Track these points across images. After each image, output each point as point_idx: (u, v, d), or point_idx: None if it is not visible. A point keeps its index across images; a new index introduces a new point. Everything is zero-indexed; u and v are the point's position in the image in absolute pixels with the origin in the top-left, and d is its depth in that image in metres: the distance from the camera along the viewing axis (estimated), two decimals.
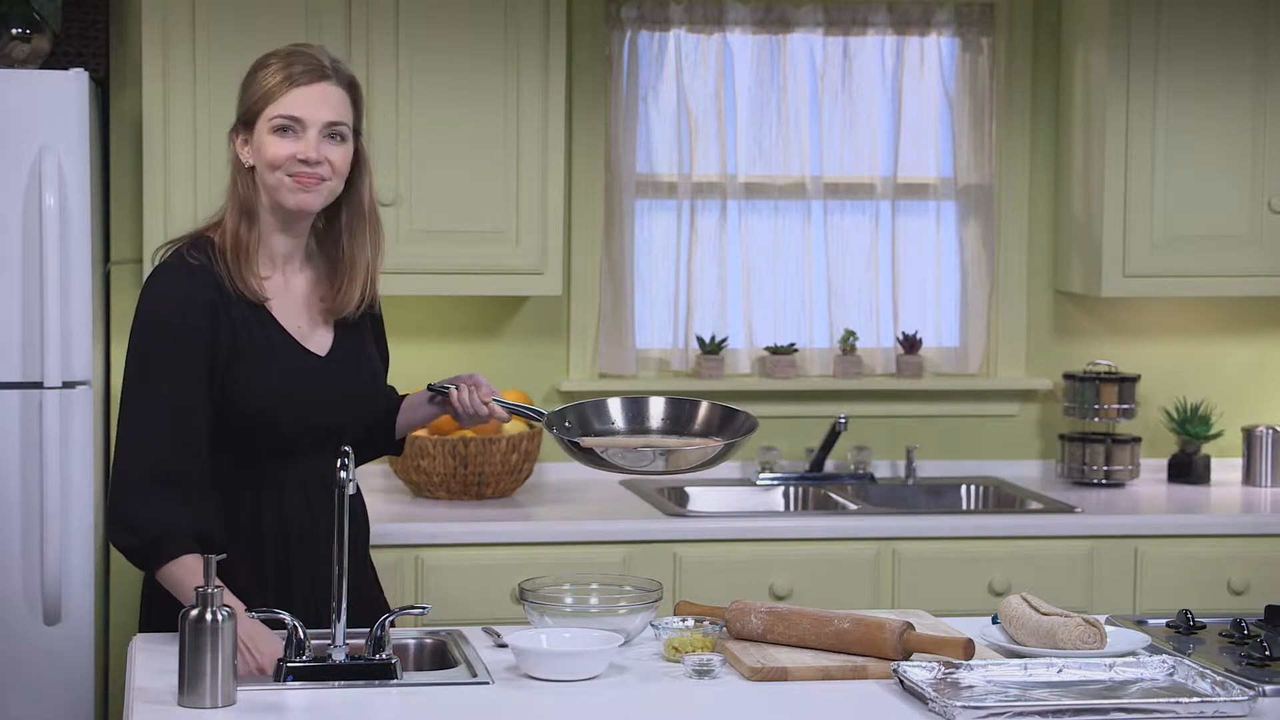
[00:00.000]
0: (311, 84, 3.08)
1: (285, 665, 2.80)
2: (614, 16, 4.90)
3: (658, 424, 3.28)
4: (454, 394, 3.30)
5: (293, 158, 3.06)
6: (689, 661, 2.86)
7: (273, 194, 3.10)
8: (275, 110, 3.07)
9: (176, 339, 3.04)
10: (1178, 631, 3.17)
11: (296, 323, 3.16)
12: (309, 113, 3.07)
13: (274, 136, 3.07)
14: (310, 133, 3.07)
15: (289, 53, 3.13)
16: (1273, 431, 4.98)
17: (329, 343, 3.19)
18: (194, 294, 3.05)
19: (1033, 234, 5.12)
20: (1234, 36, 4.76)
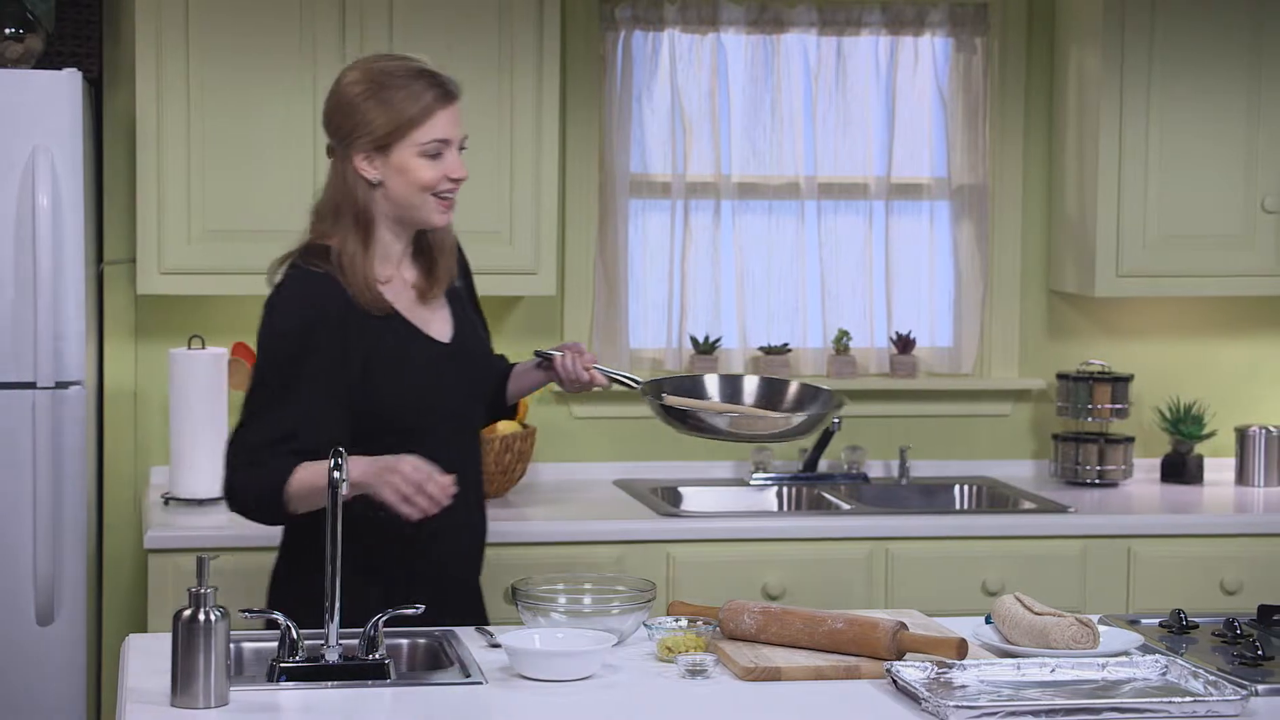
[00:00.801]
0: (450, 104, 3.17)
1: (278, 666, 2.80)
2: (608, 16, 4.90)
3: (750, 400, 3.42)
4: (558, 360, 3.37)
5: (443, 178, 3.17)
6: (682, 662, 2.86)
7: (414, 212, 3.18)
8: (426, 135, 3.15)
9: (308, 351, 3.11)
10: (1170, 631, 3.17)
11: (418, 315, 3.23)
12: (452, 133, 3.17)
13: (423, 160, 3.15)
14: (451, 151, 3.17)
15: (418, 72, 3.17)
16: (1266, 432, 4.98)
17: (450, 327, 3.28)
18: (324, 305, 3.14)
19: (1026, 234, 5.12)
20: (1227, 37, 4.77)
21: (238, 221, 4.45)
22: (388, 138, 3.14)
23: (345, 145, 3.17)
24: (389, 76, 3.15)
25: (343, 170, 3.18)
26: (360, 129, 3.14)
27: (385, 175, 3.15)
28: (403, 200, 3.17)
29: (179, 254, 4.44)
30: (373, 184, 3.16)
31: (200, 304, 4.71)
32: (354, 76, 3.18)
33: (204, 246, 4.44)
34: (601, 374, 3.38)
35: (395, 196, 3.16)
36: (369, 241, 3.17)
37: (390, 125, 3.13)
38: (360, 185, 3.16)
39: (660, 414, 3.35)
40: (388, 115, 3.13)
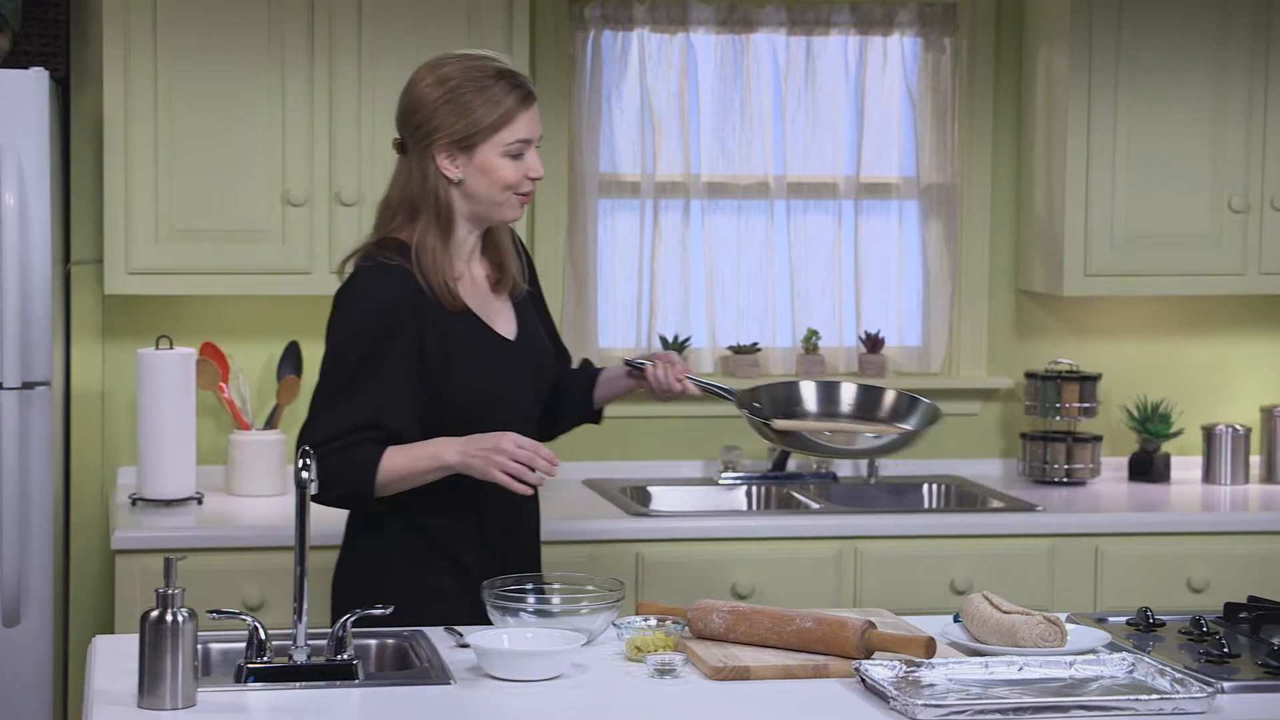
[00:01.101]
0: (532, 105, 3.21)
1: (246, 666, 2.79)
2: (577, 16, 4.90)
3: (847, 409, 3.40)
4: (649, 370, 3.38)
5: (525, 178, 3.20)
6: (651, 661, 2.86)
7: (494, 209, 3.23)
8: (511, 135, 3.19)
9: (382, 340, 3.15)
10: (1138, 629, 3.18)
11: (486, 311, 3.27)
12: (533, 133, 3.21)
13: (506, 159, 3.19)
14: (532, 149, 3.21)
15: (500, 72, 3.20)
16: (1232, 430, 5.00)
17: (514, 324, 3.31)
18: (399, 295, 3.17)
19: (995, 233, 5.13)
20: (1194, 37, 4.79)
21: (206, 221, 4.44)
22: (472, 138, 3.18)
23: (425, 143, 3.20)
24: (473, 77, 3.18)
25: (421, 167, 3.21)
26: (443, 129, 3.18)
27: (467, 174, 3.19)
28: (484, 198, 3.21)
29: (147, 254, 4.42)
30: (453, 181, 3.20)
31: (168, 304, 4.69)
32: (435, 76, 3.20)
33: (172, 246, 4.43)
34: (694, 384, 3.37)
35: (476, 194, 3.21)
36: (448, 237, 3.22)
37: (475, 126, 3.17)
38: (441, 182, 3.20)
39: (758, 429, 3.31)
40: (473, 116, 3.17)
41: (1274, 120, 4.82)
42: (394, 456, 3.14)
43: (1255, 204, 4.84)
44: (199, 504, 4.46)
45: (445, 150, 3.19)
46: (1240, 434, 5.00)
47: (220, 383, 4.65)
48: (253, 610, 4.12)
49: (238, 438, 4.60)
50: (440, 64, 3.22)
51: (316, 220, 4.48)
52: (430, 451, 3.14)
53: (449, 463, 3.12)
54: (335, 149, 4.47)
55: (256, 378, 4.78)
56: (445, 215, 3.21)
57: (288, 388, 4.69)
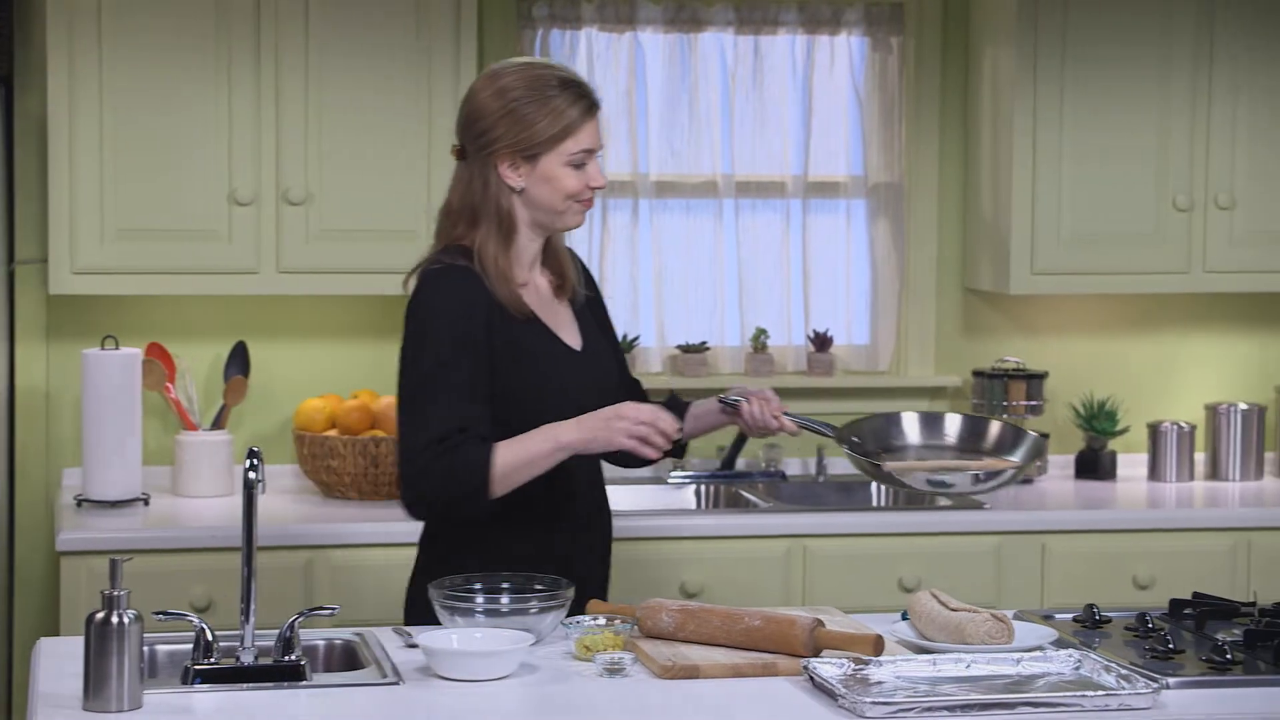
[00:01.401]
0: (596, 115, 3.21)
1: (193, 668, 2.78)
2: (525, 15, 4.89)
3: (952, 441, 3.33)
4: (744, 407, 3.34)
5: (586, 187, 3.19)
6: (600, 660, 2.86)
7: (556, 218, 3.22)
8: (576, 146, 3.18)
9: (462, 342, 3.13)
10: (1084, 626, 3.20)
11: (551, 319, 3.26)
12: (596, 142, 3.21)
13: (569, 169, 3.18)
14: (594, 159, 3.21)
15: (565, 82, 3.19)
16: (1177, 428, 5.03)
17: (578, 334, 3.30)
18: (471, 296, 3.15)
19: (942, 232, 5.15)
20: (1139, 37, 4.81)
21: (151, 221, 4.41)
22: (535, 148, 3.17)
23: (486, 152, 3.18)
24: (538, 86, 3.17)
25: (482, 174, 3.19)
26: (506, 137, 3.17)
27: (530, 183, 3.19)
28: (546, 206, 3.20)
29: (91, 254, 4.40)
30: (515, 190, 3.19)
31: (113, 304, 4.66)
32: (496, 86, 3.19)
33: (117, 246, 4.40)
34: (791, 421, 3.35)
35: (538, 203, 3.20)
36: (510, 244, 3.21)
37: (540, 135, 3.16)
38: (503, 190, 3.19)
39: (860, 466, 3.27)
40: (537, 126, 3.16)
41: (1217, 119, 4.85)
42: (505, 450, 3.10)
43: (1199, 203, 4.87)
44: (145, 505, 4.44)
45: (508, 159, 3.17)
46: (1185, 431, 5.03)
47: (166, 383, 4.63)
48: (200, 612, 4.10)
49: (184, 438, 4.58)
50: (501, 73, 3.21)
51: (263, 220, 4.46)
52: (544, 435, 3.11)
53: (566, 442, 3.09)
54: (282, 148, 4.45)
55: (203, 378, 4.76)
56: (507, 223, 3.20)
57: (235, 388, 4.67)
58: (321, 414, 4.62)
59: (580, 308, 3.35)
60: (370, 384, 4.81)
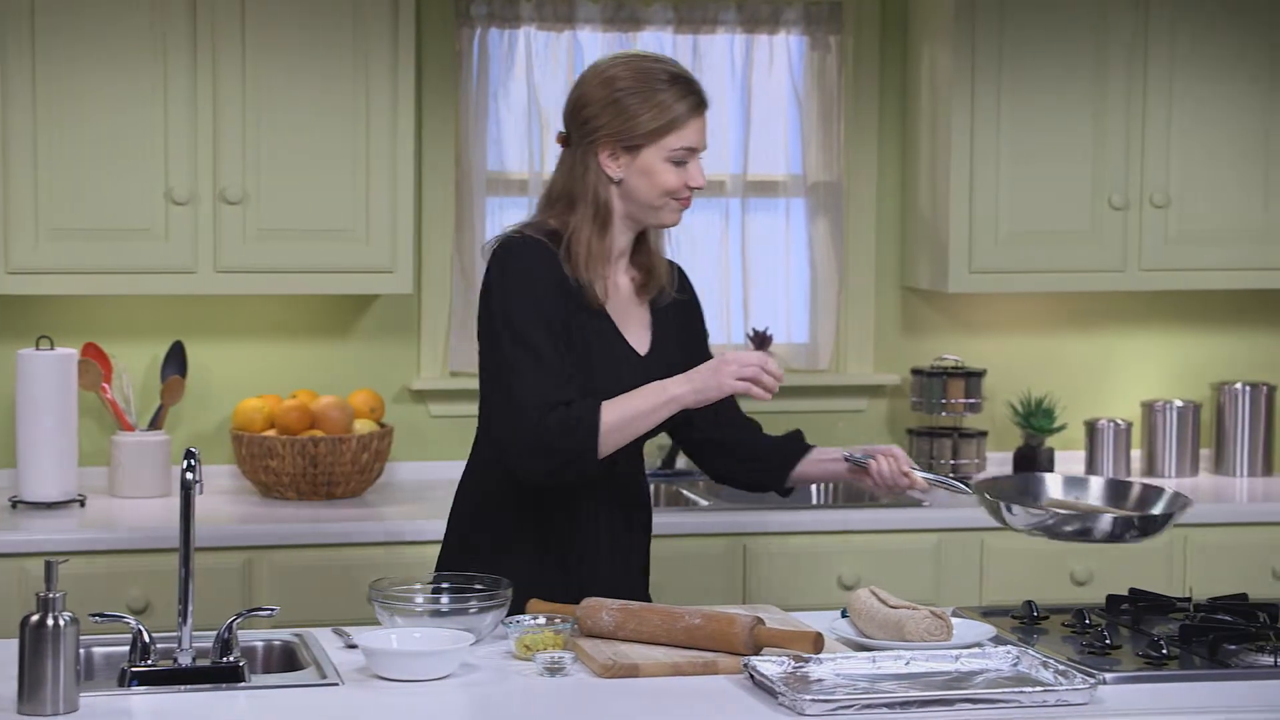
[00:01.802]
0: (703, 113, 3.20)
1: (130, 670, 2.76)
2: (463, 13, 4.88)
3: (1094, 502, 3.29)
4: (873, 466, 3.31)
5: (684, 185, 3.18)
6: (540, 659, 2.86)
7: (651, 213, 3.21)
8: (678, 142, 3.17)
9: (547, 304, 3.12)
10: (1022, 622, 3.21)
11: (623, 318, 3.24)
12: (700, 141, 3.20)
13: (669, 165, 3.17)
14: (695, 158, 3.19)
15: (674, 77, 3.19)
16: (1114, 424, 5.07)
17: (649, 339, 3.28)
18: (548, 264, 3.15)
19: (881, 231, 5.17)
20: (1075, 36, 4.84)
21: (87, 220, 4.38)
22: (637, 140, 3.16)
23: (588, 140, 3.18)
24: (646, 79, 3.16)
25: (583, 162, 3.19)
26: (609, 127, 3.16)
27: (628, 175, 3.18)
28: (642, 200, 3.19)
29: (26, 253, 4.36)
30: (613, 180, 3.18)
31: (49, 304, 4.63)
32: (605, 75, 3.18)
33: (52, 246, 4.37)
34: (922, 477, 3.30)
35: (634, 195, 3.19)
36: (604, 233, 3.20)
37: (643, 129, 3.15)
38: (602, 180, 3.18)
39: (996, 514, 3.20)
40: (641, 118, 3.15)
41: (1152, 118, 4.89)
42: (612, 407, 3.09)
43: (1135, 201, 4.91)
44: (81, 506, 4.41)
45: (608, 149, 3.17)
46: (1122, 428, 5.07)
47: (103, 383, 4.59)
48: (137, 613, 4.07)
49: (121, 439, 4.55)
50: (613, 63, 3.21)
51: (201, 219, 4.43)
52: (653, 389, 3.10)
53: (676, 394, 3.09)
54: (219, 147, 4.43)
55: (140, 378, 4.73)
56: (604, 212, 3.19)
57: (172, 388, 4.64)
58: (260, 414, 4.60)
59: (662, 311, 3.32)
60: (309, 384, 4.79)
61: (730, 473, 3.47)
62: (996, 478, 3.41)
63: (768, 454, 3.44)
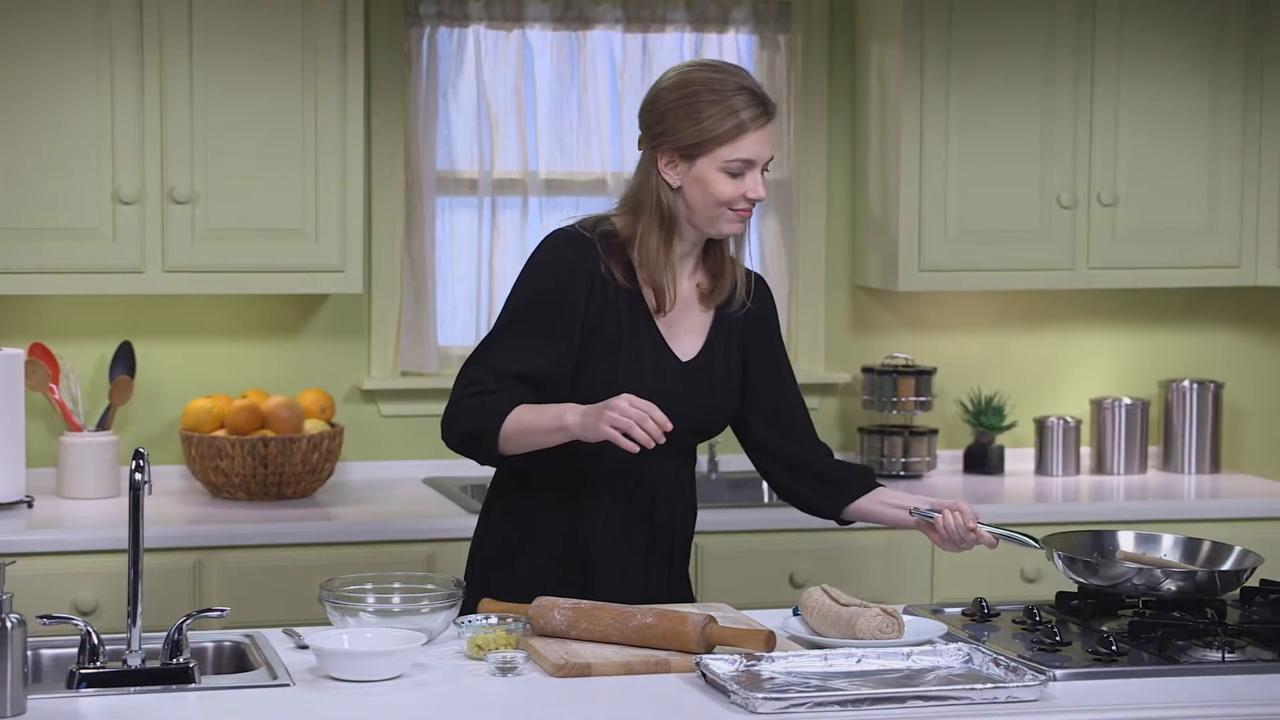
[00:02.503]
0: (764, 126, 3.17)
1: (79, 672, 2.74)
2: (412, 12, 4.87)
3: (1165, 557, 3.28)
4: (940, 521, 3.25)
5: (740, 197, 3.15)
6: (492, 659, 2.85)
7: (709, 223, 3.19)
8: (733, 153, 3.14)
9: (541, 296, 3.16)
10: (973, 619, 3.23)
11: (676, 321, 3.23)
12: (759, 153, 3.16)
13: (724, 175, 3.14)
14: (755, 170, 3.16)
15: (740, 86, 3.16)
16: (1063, 422, 5.09)
17: (699, 346, 3.25)
18: (578, 261, 3.16)
19: (831, 230, 5.18)
20: (1023, 35, 4.87)
21: (33, 220, 4.35)
22: (694, 148, 3.15)
23: (653, 144, 3.18)
24: (712, 87, 3.15)
25: (647, 166, 3.20)
26: (669, 133, 3.15)
27: (685, 183, 3.17)
28: (699, 209, 3.18)
29: None
30: (672, 187, 3.17)
31: None
32: (678, 79, 3.18)
33: None
34: (989, 533, 3.25)
35: (692, 204, 3.18)
36: (671, 239, 3.20)
37: (699, 137, 3.14)
38: (662, 186, 3.18)
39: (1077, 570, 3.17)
40: (699, 126, 3.14)
41: (1100, 117, 4.92)
42: (523, 411, 3.11)
43: (1083, 199, 4.93)
44: (29, 507, 4.38)
45: (668, 155, 3.16)
46: (1071, 426, 5.09)
47: (50, 384, 4.56)
48: (86, 615, 4.05)
49: (69, 439, 4.52)
50: (689, 69, 3.21)
51: (148, 218, 4.41)
52: (557, 411, 3.10)
53: (568, 423, 3.07)
54: (166, 146, 4.41)
55: (88, 378, 4.70)
56: (668, 218, 3.19)
57: (120, 388, 4.61)
58: (209, 414, 4.58)
59: (727, 319, 3.29)
60: (258, 384, 4.77)
61: (790, 488, 3.44)
62: (1067, 533, 3.37)
63: (832, 480, 3.40)
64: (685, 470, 3.37)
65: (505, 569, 3.27)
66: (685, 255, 3.27)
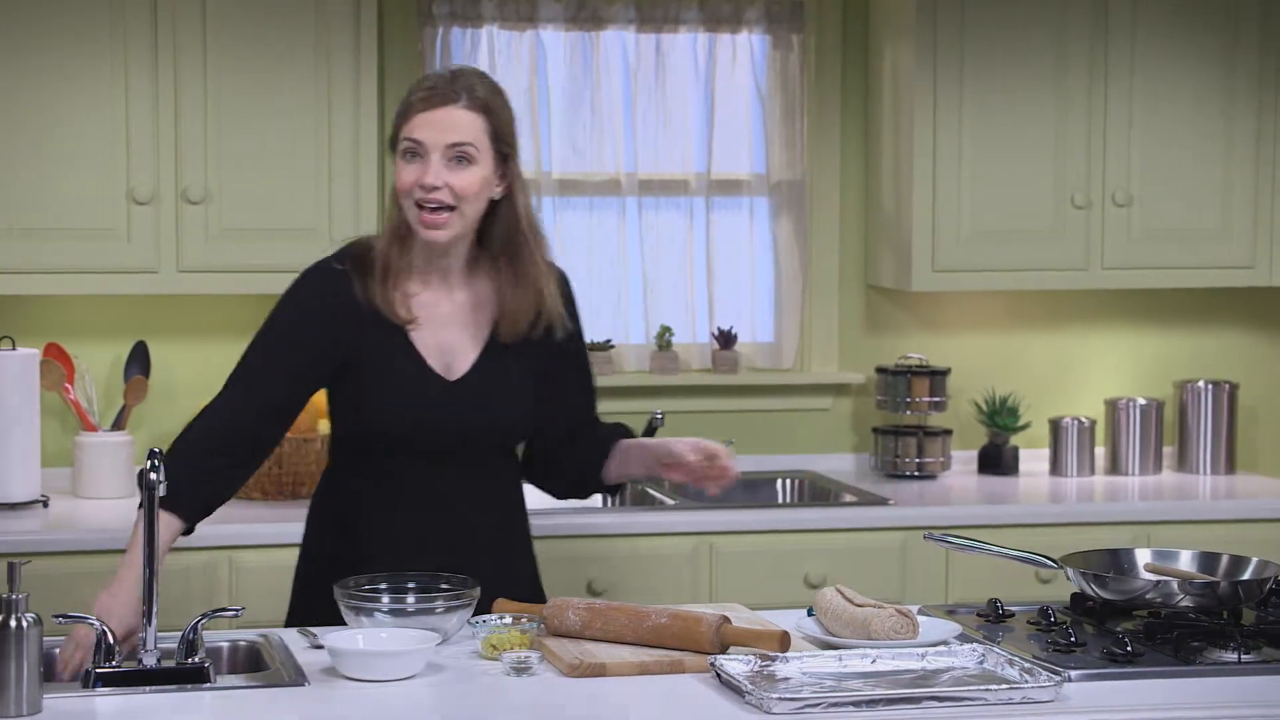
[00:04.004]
0: (436, 108, 3.07)
1: (94, 671, 2.74)
2: (426, 13, 4.87)
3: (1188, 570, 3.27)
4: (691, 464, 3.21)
5: (416, 184, 3.07)
6: (507, 659, 2.85)
7: (411, 224, 3.11)
8: (404, 133, 3.10)
9: (279, 335, 3.15)
10: (987, 620, 3.22)
11: (438, 340, 3.16)
12: (430, 136, 3.07)
13: (402, 161, 3.10)
14: (432, 157, 3.07)
15: (434, 76, 3.14)
16: (1078, 422, 5.08)
17: (470, 363, 3.18)
18: (321, 299, 3.13)
19: (844, 229, 5.17)
20: (1036, 34, 4.86)
21: (48, 220, 4.36)
22: (392, 137, 3.13)
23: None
24: (421, 78, 3.16)
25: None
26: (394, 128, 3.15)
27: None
28: (401, 205, 3.11)
29: None
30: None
31: (10, 304, 4.60)
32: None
33: (13, 245, 4.34)
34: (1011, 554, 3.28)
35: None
36: (404, 246, 3.14)
37: (394, 124, 3.13)
38: (392, 188, 3.15)
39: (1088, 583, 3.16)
40: (396, 114, 3.13)
41: (1114, 116, 4.91)
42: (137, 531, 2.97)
43: (1097, 200, 4.92)
44: (44, 507, 4.39)
45: (391, 151, 3.15)
46: (1086, 426, 5.09)
47: (65, 384, 4.57)
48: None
49: (84, 439, 4.53)
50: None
51: (163, 218, 4.41)
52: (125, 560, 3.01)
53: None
54: (181, 146, 4.41)
55: (103, 378, 4.71)
56: (398, 225, 3.13)
57: (135, 388, 4.62)
58: None
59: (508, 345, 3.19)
60: None
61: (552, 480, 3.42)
62: (1086, 552, 3.34)
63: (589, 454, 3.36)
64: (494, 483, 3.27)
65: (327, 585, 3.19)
66: (447, 270, 3.17)
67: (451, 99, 3.08)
